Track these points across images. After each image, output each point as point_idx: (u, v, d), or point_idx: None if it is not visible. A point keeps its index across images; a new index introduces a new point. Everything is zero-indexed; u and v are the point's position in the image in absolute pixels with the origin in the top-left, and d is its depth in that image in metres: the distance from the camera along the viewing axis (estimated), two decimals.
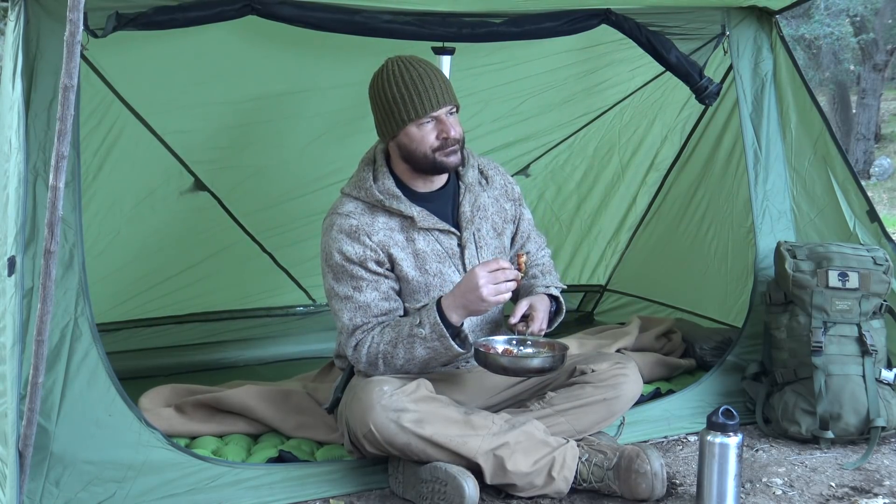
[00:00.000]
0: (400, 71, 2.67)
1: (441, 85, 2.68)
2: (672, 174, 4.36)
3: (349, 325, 2.70)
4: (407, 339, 2.63)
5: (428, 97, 2.64)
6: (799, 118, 3.52)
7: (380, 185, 2.74)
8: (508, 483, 2.61)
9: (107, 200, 3.48)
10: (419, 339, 2.62)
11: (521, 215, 3.01)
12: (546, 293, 2.87)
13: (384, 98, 2.68)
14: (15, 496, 2.25)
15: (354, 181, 2.79)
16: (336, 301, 2.72)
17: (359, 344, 2.69)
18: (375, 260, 2.69)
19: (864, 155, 14.43)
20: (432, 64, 2.75)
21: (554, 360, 2.67)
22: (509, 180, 3.00)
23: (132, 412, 2.54)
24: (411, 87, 2.64)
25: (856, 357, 3.11)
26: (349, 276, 2.69)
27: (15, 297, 2.33)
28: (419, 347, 2.63)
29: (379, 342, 2.66)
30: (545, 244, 3.12)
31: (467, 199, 2.83)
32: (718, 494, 2.55)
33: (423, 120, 2.66)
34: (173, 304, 3.99)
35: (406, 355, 2.65)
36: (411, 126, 2.66)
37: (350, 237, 2.69)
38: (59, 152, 1.92)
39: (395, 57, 2.73)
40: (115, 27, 2.53)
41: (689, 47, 3.30)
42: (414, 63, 2.69)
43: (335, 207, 2.77)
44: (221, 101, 3.41)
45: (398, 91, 2.65)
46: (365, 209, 2.73)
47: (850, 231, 3.41)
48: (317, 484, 2.69)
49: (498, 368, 2.66)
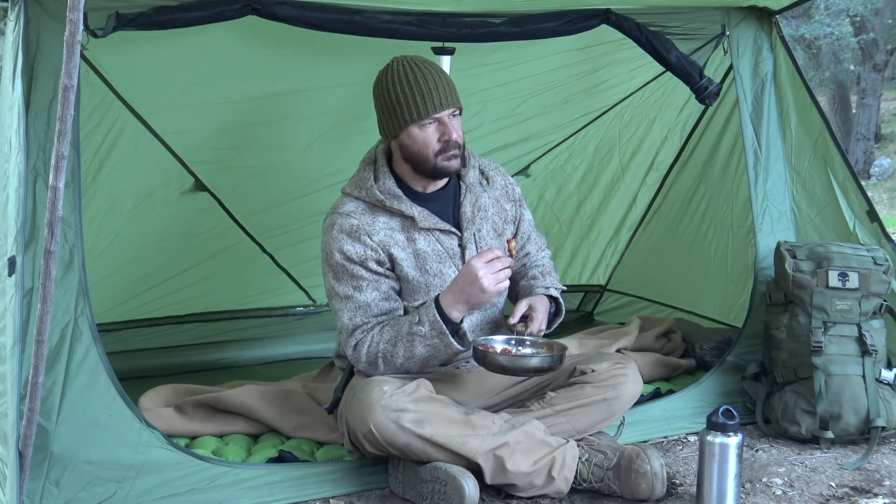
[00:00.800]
0: (405, 70, 2.67)
1: (445, 87, 2.68)
2: (672, 174, 4.36)
3: (349, 325, 2.70)
4: (406, 337, 2.63)
5: (431, 98, 2.64)
6: (799, 118, 3.53)
7: (380, 185, 2.74)
8: (508, 483, 2.60)
9: (107, 201, 3.48)
10: (419, 337, 2.62)
11: (522, 216, 3.01)
12: (546, 294, 2.87)
13: (388, 97, 2.68)
14: (15, 496, 2.25)
15: (355, 181, 2.79)
16: (336, 301, 2.72)
17: (359, 343, 2.69)
18: (376, 260, 2.70)
19: (864, 155, 14.43)
20: (438, 65, 2.75)
21: (553, 360, 2.67)
22: (510, 181, 3.00)
23: (132, 412, 2.54)
24: (415, 87, 2.64)
25: (856, 357, 3.11)
26: (350, 275, 2.69)
27: (15, 297, 2.33)
28: (419, 345, 2.63)
29: (378, 341, 2.67)
30: (545, 245, 3.12)
31: (468, 199, 2.83)
32: (718, 494, 2.55)
33: (425, 121, 2.66)
34: (173, 304, 3.99)
35: (406, 353, 2.65)
36: (413, 127, 2.66)
37: (351, 237, 2.69)
38: (58, 152, 1.92)
39: (401, 56, 2.72)
40: (115, 27, 2.53)
41: (689, 47, 3.30)
42: (419, 63, 2.69)
43: (336, 207, 2.77)
44: (221, 102, 3.41)
45: (402, 91, 2.65)
46: (366, 209, 2.73)
47: (849, 231, 3.41)
48: (317, 484, 2.69)
49: (496, 367, 2.66)
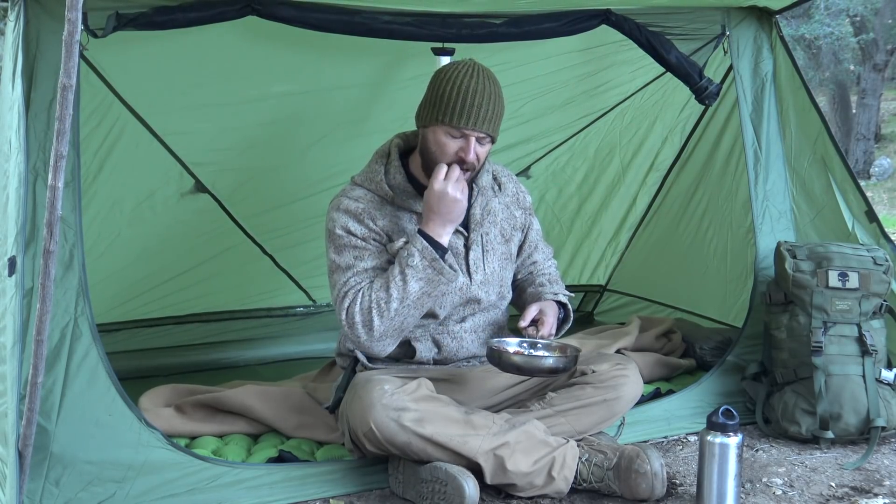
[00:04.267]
0: (468, 75, 2.67)
1: (489, 111, 2.67)
2: (672, 174, 4.36)
3: (343, 289, 2.67)
4: (399, 276, 2.62)
5: (470, 114, 2.65)
6: (797, 119, 3.53)
7: (390, 179, 2.76)
8: (508, 483, 2.61)
9: (107, 201, 3.48)
10: (410, 270, 2.61)
11: (531, 225, 3.04)
12: (555, 300, 2.89)
13: (439, 89, 2.69)
14: (15, 496, 2.25)
15: (366, 172, 2.81)
16: (338, 273, 2.70)
17: (351, 303, 2.65)
18: (378, 241, 2.72)
19: (864, 155, 14.43)
20: (499, 88, 2.73)
21: (567, 362, 2.70)
22: (522, 189, 3.03)
23: (132, 412, 2.54)
24: (464, 95, 2.65)
25: (856, 357, 3.11)
26: (352, 247, 2.70)
27: (15, 297, 2.33)
28: (412, 280, 2.61)
29: (369, 292, 2.64)
30: (552, 255, 3.15)
31: (479, 201, 2.85)
32: (718, 494, 2.55)
33: (454, 130, 2.67)
34: (174, 304, 3.99)
35: (399, 294, 2.61)
36: (441, 127, 2.67)
37: (355, 218, 2.71)
38: (57, 152, 1.92)
39: (474, 62, 2.73)
40: (115, 27, 2.53)
41: (689, 48, 3.30)
42: (485, 77, 2.69)
43: (344, 191, 2.79)
44: (222, 103, 3.41)
45: (452, 91, 2.65)
46: (373, 199, 2.75)
47: (848, 231, 3.41)
48: (317, 484, 2.69)
49: (511, 367, 2.69)
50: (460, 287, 2.80)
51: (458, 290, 2.79)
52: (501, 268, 2.91)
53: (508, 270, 2.95)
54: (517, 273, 3.03)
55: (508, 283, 2.97)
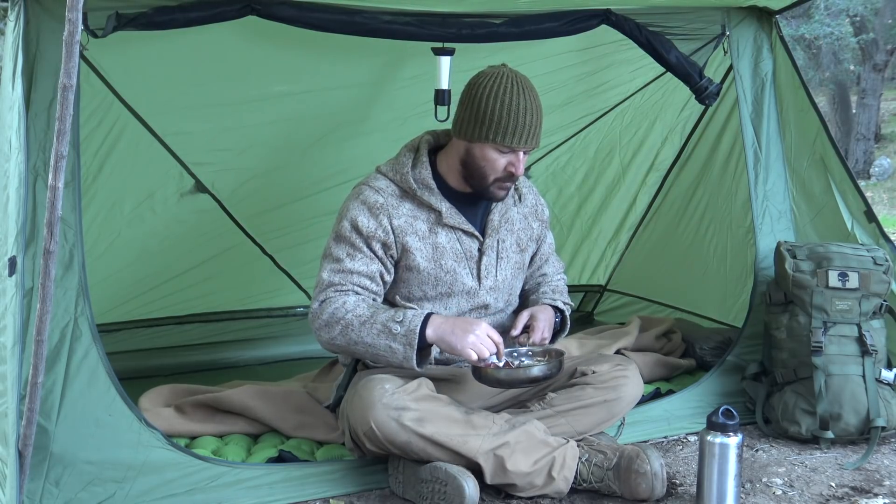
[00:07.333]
0: (513, 90, 2.65)
1: (537, 126, 2.69)
2: (672, 174, 4.36)
3: (326, 280, 2.69)
4: (378, 325, 2.60)
5: (521, 133, 2.65)
6: (797, 119, 3.53)
7: (416, 174, 2.76)
8: (508, 483, 2.61)
9: (107, 202, 3.49)
10: (387, 333, 2.59)
11: (545, 237, 3.07)
12: (550, 304, 2.90)
13: (483, 104, 2.66)
14: (15, 496, 2.25)
15: (393, 163, 2.81)
16: (327, 260, 2.72)
17: (327, 301, 2.66)
18: (382, 242, 2.71)
19: (864, 155, 14.44)
20: (538, 97, 2.72)
21: (549, 368, 2.70)
22: (541, 202, 3.05)
23: (132, 412, 2.54)
24: (514, 114, 2.64)
25: (856, 357, 3.11)
26: (349, 243, 2.70)
27: (15, 297, 2.33)
28: (383, 339, 2.60)
29: (348, 311, 2.63)
30: (563, 269, 3.16)
31: (498, 208, 2.86)
32: (718, 494, 2.55)
33: (504, 148, 2.67)
34: (174, 304, 3.99)
35: (366, 339, 2.60)
36: (491, 145, 2.68)
37: (370, 210, 2.71)
38: (58, 152, 1.92)
39: (511, 70, 2.71)
40: (115, 27, 2.53)
41: (689, 48, 3.30)
42: (527, 90, 2.68)
43: (368, 180, 2.79)
44: (222, 103, 3.41)
45: (501, 109, 2.64)
46: (395, 192, 2.75)
47: (848, 231, 3.41)
48: (317, 484, 2.69)
49: (493, 382, 2.69)
50: (468, 292, 2.80)
51: (465, 294, 2.80)
52: (513, 276, 2.92)
53: (519, 280, 2.97)
54: (525, 283, 3.05)
55: (517, 292, 2.99)
